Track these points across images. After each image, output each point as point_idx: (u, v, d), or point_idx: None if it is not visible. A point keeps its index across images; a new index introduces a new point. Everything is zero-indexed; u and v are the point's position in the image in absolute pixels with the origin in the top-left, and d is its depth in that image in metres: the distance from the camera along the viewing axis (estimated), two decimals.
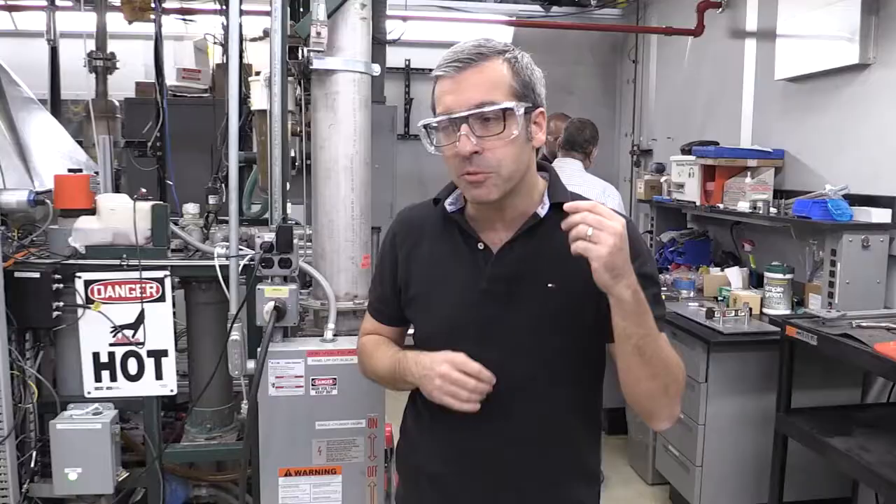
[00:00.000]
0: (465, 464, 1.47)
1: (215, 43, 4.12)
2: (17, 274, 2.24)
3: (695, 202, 4.11)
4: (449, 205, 1.46)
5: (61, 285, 2.29)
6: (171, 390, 2.39)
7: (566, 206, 1.22)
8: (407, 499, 1.61)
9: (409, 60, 5.72)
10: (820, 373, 3.13)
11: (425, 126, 1.34)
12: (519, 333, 1.40)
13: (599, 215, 1.18)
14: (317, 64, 2.24)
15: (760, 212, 3.57)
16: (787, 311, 3.45)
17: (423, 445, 1.55)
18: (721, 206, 3.91)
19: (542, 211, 1.40)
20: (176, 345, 2.44)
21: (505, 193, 1.34)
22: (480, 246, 1.42)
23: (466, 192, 1.36)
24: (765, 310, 3.51)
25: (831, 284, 3.15)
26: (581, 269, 1.25)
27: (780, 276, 3.47)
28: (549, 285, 1.38)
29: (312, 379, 2.10)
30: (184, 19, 4.69)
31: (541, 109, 1.36)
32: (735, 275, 3.85)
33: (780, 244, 3.82)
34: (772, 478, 3.05)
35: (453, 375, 1.32)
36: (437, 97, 1.33)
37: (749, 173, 3.78)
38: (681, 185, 4.28)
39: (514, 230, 1.40)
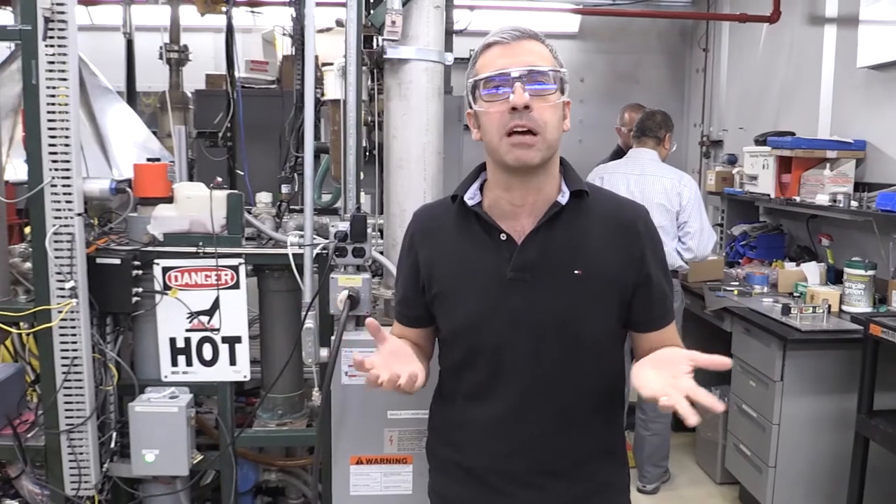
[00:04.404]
0: (498, 451, 1.49)
1: (284, 34, 4.15)
2: (98, 260, 2.29)
3: (769, 195, 3.98)
4: (468, 199, 1.48)
5: (140, 271, 2.34)
6: (245, 376, 2.43)
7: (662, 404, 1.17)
8: (441, 491, 1.63)
9: (472, 51, 5.67)
10: None
11: (474, 84, 1.39)
12: (548, 321, 1.42)
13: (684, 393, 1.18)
14: (391, 53, 2.24)
15: (841, 205, 3.43)
16: (869, 309, 3.31)
17: (455, 436, 1.57)
18: (797, 198, 3.78)
19: (563, 199, 1.44)
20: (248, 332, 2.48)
21: (544, 160, 1.38)
22: (503, 237, 1.44)
23: (510, 154, 1.37)
24: (844, 307, 3.38)
25: None
26: (604, 256, 1.42)
27: (861, 272, 3.33)
28: (576, 272, 1.41)
29: None
30: (252, 11, 4.76)
31: (568, 100, 1.43)
32: (812, 270, 3.71)
33: (860, 239, 3.67)
34: (851, 481, 2.93)
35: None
36: (486, 62, 1.39)
37: (828, 165, 3.64)
38: (754, 177, 4.15)
39: (535, 219, 1.43)
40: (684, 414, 1.12)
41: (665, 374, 1.23)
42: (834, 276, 3.73)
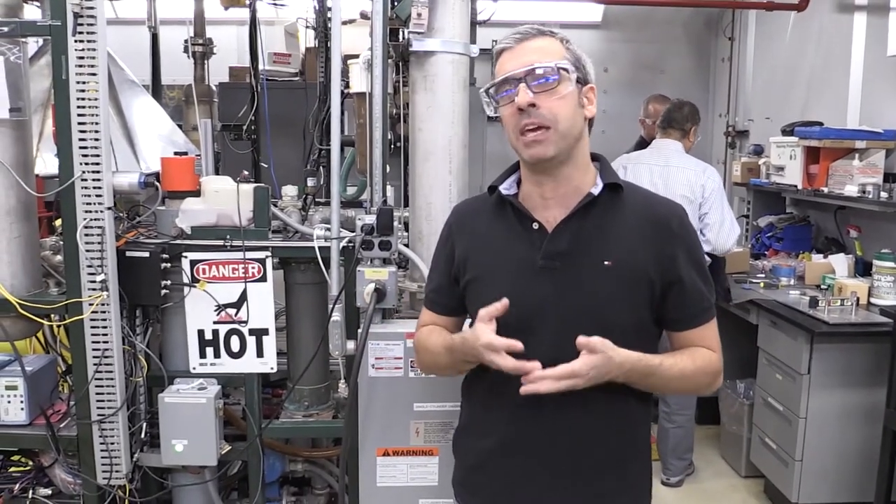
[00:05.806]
0: (522, 446, 1.50)
1: (307, 27, 4.15)
2: (128, 253, 2.32)
3: (796, 185, 3.93)
4: (504, 189, 1.52)
5: (168, 264, 2.37)
6: (272, 368, 2.45)
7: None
8: (465, 483, 1.63)
9: (494, 41, 5.62)
10: None
11: (486, 91, 1.46)
12: (576, 310, 1.43)
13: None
14: (416, 45, 2.24)
15: (870, 196, 3.38)
16: None
17: (480, 431, 1.57)
18: (825, 189, 3.73)
19: (596, 190, 1.46)
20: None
21: (560, 152, 1.41)
22: (535, 225, 1.47)
23: (525, 152, 1.42)
24: (873, 300, 3.34)
25: None
26: (635, 250, 1.42)
27: (890, 264, 3.30)
28: (606, 262, 1.42)
29: (411, 361, 2.11)
30: (275, 4, 4.76)
31: (591, 85, 1.48)
32: (840, 262, 3.67)
33: (890, 230, 3.62)
34: (879, 476, 2.91)
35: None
36: (499, 68, 1.45)
37: (857, 155, 3.59)
38: (781, 168, 4.10)
39: (567, 210, 1.45)
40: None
41: None
42: (862, 269, 3.67)
